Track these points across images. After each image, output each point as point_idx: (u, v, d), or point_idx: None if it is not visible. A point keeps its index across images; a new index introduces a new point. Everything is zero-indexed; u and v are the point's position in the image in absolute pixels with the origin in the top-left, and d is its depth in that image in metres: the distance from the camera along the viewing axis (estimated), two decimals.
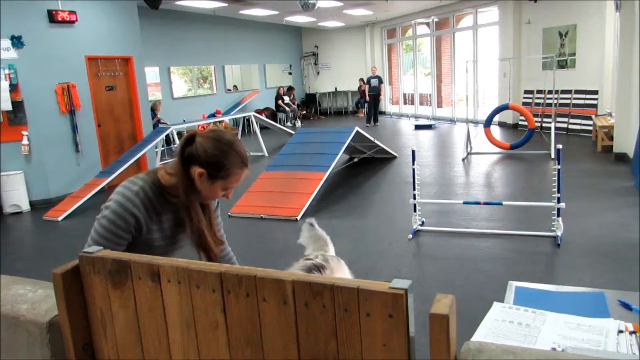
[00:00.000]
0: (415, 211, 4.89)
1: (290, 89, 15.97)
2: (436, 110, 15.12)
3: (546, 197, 5.10)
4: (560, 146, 4.30)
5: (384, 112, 16.64)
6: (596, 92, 9.60)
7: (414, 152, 4.93)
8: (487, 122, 8.77)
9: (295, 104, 15.88)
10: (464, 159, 8.42)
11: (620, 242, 4.28)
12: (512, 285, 1.72)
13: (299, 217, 5.52)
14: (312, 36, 17.87)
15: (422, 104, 16.10)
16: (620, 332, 1.30)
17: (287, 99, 15.44)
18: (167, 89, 12.45)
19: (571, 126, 10.09)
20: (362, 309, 0.89)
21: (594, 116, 9.34)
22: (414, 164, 4.84)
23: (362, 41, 17.17)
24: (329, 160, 6.47)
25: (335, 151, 6.66)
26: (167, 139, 10.06)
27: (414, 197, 4.84)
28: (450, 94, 14.67)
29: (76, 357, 1.22)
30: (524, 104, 10.89)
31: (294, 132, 8.77)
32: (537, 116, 10.01)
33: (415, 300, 0.87)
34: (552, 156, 7.79)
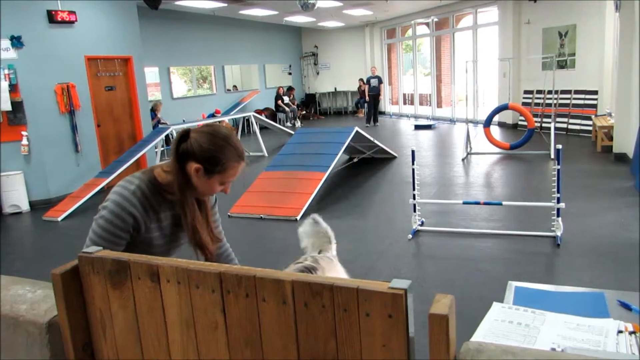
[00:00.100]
0: (415, 211, 4.89)
1: (290, 89, 15.97)
2: (436, 110, 15.12)
3: (546, 197, 5.09)
4: (559, 146, 4.30)
5: (383, 112, 16.64)
6: (596, 92, 9.60)
7: (413, 152, 4.93)
8: (487, 122, 8.77)
9: (295, 104, 15.88)
10: (463, 159, 8.42)
11: (619, 242, 4.28)
12: (511, 285, 1.72)
13: (298, 217, 5.52)
14: (311, 36, 17.86)
15: (421, 104, 16.10)
16: (619, 332, 1.30)
17: (286, 99, 15.45)
18: (166, 89, 12.45)
19: (571, 126, 10.09)
20: (362, 309, 0.89)
21: (593, 116, 9.33)
22: (413, 164, 4.84)
23: (361, 41, 17.17)
24: (329, 160, 6.47)
25: (335, 151, 6.66)
26: (166, 139, 10.04)
27: (414, 197, 4.85)
28: (450, 94, 14.67)
29: (76, 358, 1.22)
30: (524, 104, 10.90)
31: (293, 132, 8.77)
32: (536, 116, 10.01)
33: (414, 300, 0.87)
34: (552, 156, 7.78)
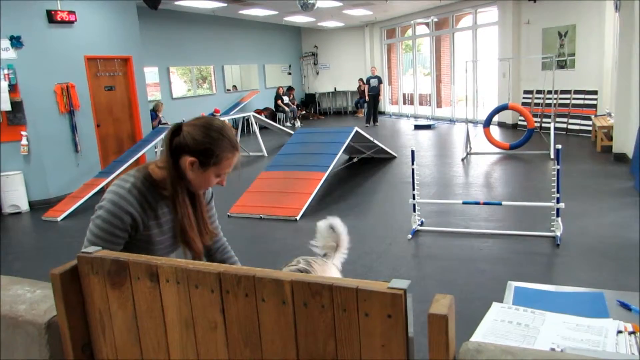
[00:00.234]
0: (414, 211, 4.89)
1: (289, 89, 15.97)
2: (436, 110, 15.12)
3: (545, 197, 5.09)
4: (559, 146, 4.30)
5: (383, 112, 16.64)
6: (595, 93, 9.61)
7: (413, 152, 4.93)
8: (487, 122, 8.77)
9: (294, 104, 15.88)
10: (463, 159, 8.42)
11: (619, 242, 4.28)
12: (511, 285, 1.71)
13: (298, 217, 5.52)
14: (311, 36, 17.86)
15: (421, 104, 16.10)
16: (619, 332, 1.30)
17: (286, 99, 15.45)
18: (166, 89, 12.45)
19: (570, 126, 10.09)
20: (361, 309, 0.89)
21: (593, 116, 9.33)
22: (413, 164, 4.84)
23: (361, 41, 17.17)
24: (329, 160, 6.46)
25: (334, 151, 6.66)
26: None
27: (414, 197, 4.84)
28: (449, 94, 14.67)
29: (75, 358, 1.22)
30: (524, 104, 10.90)
31: (293, 132, 8.76)
32: (536, 116, 10.01)
33: (414, 300, 0.87)
34: (552, 156, 7.78)
